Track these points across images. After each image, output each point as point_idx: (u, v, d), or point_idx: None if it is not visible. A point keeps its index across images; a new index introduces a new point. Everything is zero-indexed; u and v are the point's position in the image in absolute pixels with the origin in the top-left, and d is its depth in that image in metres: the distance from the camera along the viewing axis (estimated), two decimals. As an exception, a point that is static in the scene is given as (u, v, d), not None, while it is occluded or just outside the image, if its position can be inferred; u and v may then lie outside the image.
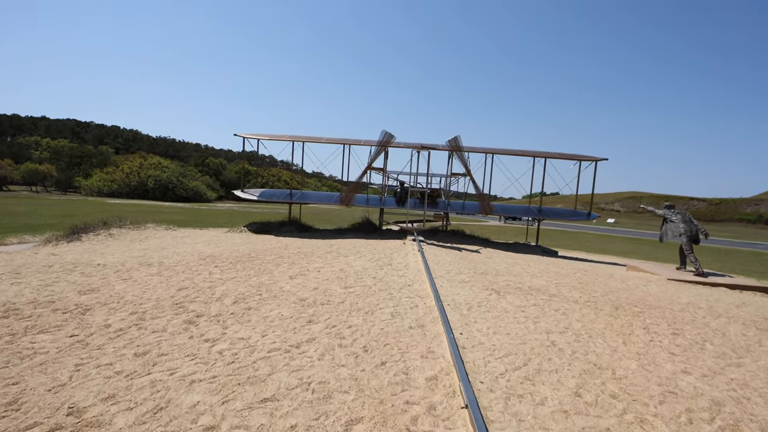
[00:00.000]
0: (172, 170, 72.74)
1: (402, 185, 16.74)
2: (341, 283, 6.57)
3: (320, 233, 15.34)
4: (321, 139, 16.28)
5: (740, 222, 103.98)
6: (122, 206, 38.24)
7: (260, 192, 17.04)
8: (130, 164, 72.19)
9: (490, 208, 14.70)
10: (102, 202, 46.04)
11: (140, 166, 71.08)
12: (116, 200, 53.23)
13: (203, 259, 8.39)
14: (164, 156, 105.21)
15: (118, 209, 32.31)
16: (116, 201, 50.42)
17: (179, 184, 68.44)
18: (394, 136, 14.27)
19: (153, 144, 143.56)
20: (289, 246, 11.08)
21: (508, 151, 16.04)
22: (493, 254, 11.86)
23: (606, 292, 7.43)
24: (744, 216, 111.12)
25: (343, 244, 11.85)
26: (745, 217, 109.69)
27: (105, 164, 77.52)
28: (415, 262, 9.01)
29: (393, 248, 11.20)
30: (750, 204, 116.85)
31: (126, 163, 73.51)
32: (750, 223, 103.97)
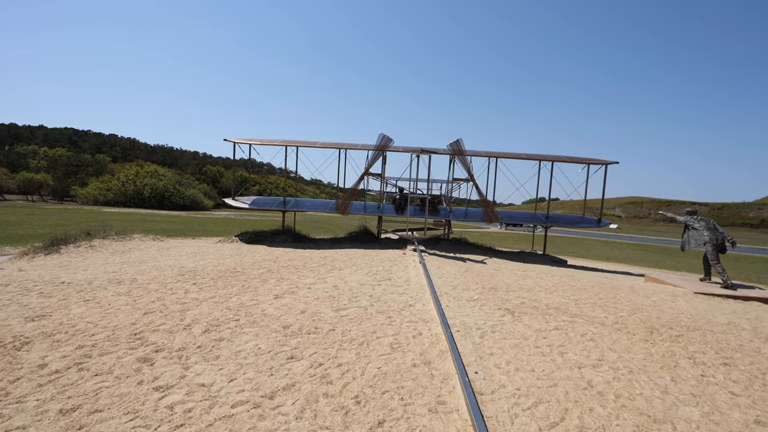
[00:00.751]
0: (169, 178, 72.06)
1: (401, 192, 15.97)
2: (333, 304, 5.74)
3: (315, 243, 14.52)
4: (315, 144, 15.52)
5: (743, 226, 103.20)
6: (116, 215, 37.45)
7: (252, 200, 16.23)
8: (126, 172, 71.52)
9: (495, 215, 13.92)
10: (97, 211, 45.24)
11: (136, 174, 70.41)
12: (112, 209, 52.39)
13: (182, 275, 7.57)
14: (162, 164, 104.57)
15: (112, 218, 31.53)
16: (111, 210, 49.59)
17: (176, 192, 67.72)
18: (392, 139, 13.52)
19: (151, 152, 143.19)
20: (280, 258, 10.25)
21: (513, 155, 15.28)
22: (501, 265, 11.03)
23: (633, 310, 6.60)
24: (747, 221, 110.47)
25: (338, 255, 11.02)
26: (748, 221, 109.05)
27: (102, 173, 76.89)
28: (416, 276, 8.19)
29: (392, 260, 10.38)
30: (753, 208, 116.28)
31: (122, 172, 72.84)
32: (753, 227, 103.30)
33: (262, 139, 15.86)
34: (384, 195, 16.70)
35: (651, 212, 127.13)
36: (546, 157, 15.27)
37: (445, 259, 11.30)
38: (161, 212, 51.36)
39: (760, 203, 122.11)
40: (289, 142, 15.56)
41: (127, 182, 68.57)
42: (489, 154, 15.30)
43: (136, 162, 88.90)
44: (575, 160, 15.19)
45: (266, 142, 15.72)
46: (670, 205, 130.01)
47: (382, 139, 13.41)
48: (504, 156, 15.24)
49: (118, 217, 34.87)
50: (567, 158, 15.15)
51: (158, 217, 37.62)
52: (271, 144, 15.73)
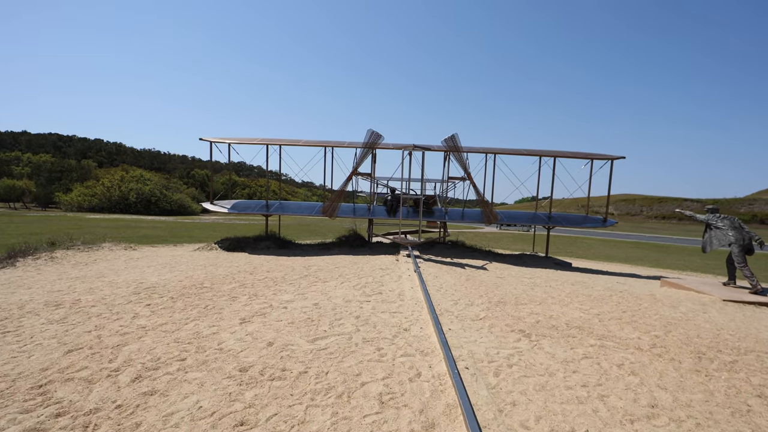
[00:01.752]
0: (155, 183, 70.42)
1: (393, 192, 14.95)
2: (310, 331, 4.68)
3: (301, 249, 13.43)
4: (299, 142, 14.44)
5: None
6: (99, 222, 35.95)
7: (233, 204, 15.09)
8: (111, 178, 69.75)
9: (495, 216, 12.94)
10: (80, 217, 43.58)
11: (121, 179, 68.65)
12: (96, 215, 50.70)
13: (137, 293, 6.46)
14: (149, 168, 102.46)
15: (94, 225, 30.12)
16: (95, 216, 47.92)
17: (162, 197, 66.08)
18: (381, 136, 12.48)
19: (137, 157, 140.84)
20: (258, 268, 9.16)
21: (512, 151, 14.33)
22: (504, 271, 10.04)
23: (665, 325, 5.62)
24: (739, 216, 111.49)
25: (324, 264, 9.96)
26: (740, 217, 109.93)
27: (86, 178, 74.99)
28: (411, 289, 7.15)
29: (384, 268, 9.34)
30: (744, 204, 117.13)
31: (107, 177, 71.06)
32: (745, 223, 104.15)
33: (241, 138, 14.76)
34: (374, 196, 15.66)
35: (643, 209, 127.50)
36: (547, 153, 14.34)
37: (442, 265, 10.28)
38: (147, 218, 49.79)
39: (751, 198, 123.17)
40: (270, 141, 14.47)
41: (111, 187, 66.81)
42: (486, 150, 14.33)
43: (121, 167, 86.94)
44: (578, 155, 14.28)
45: (246, 141, 14.61)
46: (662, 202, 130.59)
47: (371, 135, 12.38)
48: (502, 152, 14.28)
49: (101, 223, 33.41)
50: (570, 154, 14.23)
51: (143, 223, 36.18)
52: (251, 143, 14.62)
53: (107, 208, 63.12)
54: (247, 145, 15.15)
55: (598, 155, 14.13)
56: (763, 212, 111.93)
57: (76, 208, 63.56)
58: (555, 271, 11.41)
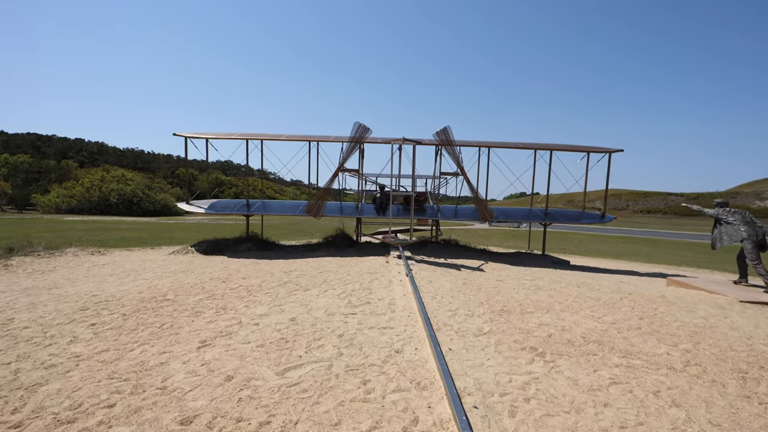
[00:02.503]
0: (137, 183, 68.56)
1: (382, 189, 14.16)
2: (282, 357, 3.88)
3: (284, 251, 12.58)
4: (281, 137, 13.55)
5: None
6: (75, 224, 34.47)
7: (210, 203, 14.15)
8: (91, 178, 67.65)
9: (490, 213, 12.24)
10: (57, 220, 41.84)
11: (102, 179, 66.61)
12: (74, 217, 48.89)
13: (85, 309, 5.57)
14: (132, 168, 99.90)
15: (70, 228, 28.73)
16: (73, 218, 46.15)
17: (145, 198, 64.28)
18: (369, 129, 11.67)
19: (120, 156, 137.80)
20: (234, 275, 8.30)
21: (506, 144, 13.64)
22: (502, 272, 9.34)
23: (691, 335, 4.95)
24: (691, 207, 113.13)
25: (307, 268, 9.13)
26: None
27: (66, 179, 72.72)
28: (403, 296, 6.38)
29: (372, 272, 8.55)
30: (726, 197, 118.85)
31: (87, 177, 68.94)
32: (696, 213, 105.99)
33: (219, 133, 13.82)
34: (362, 194, 14.87)
35: (629, 204, 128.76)
36: (542, 146, 13.69)
37: (435, 267, 9.53)
38: (128, 219, 48.18)
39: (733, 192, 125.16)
40: (250, 136, 13.56)
41: (91, 188, 64.74)
42: (480, 144, 13.62)
43: (102, 167, 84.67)
44: (575, 148, 13.66)
45: (224, 136, 13.68)
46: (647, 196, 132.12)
47: (358, 128, 11.56)
48: (496, 146, 13.59)
49: (78, 226, 31.96)
50: (566, 147, 13.61)
51: (123, 225, 34.75)
52: (231, 138, 13.71)
53: (87, 210, 61.15)
54: (228, 141, 14.23)
55: (595, 148, 13.54)
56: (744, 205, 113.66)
57: (54, 210, 61.46)
58: (554, 270, 10.76)
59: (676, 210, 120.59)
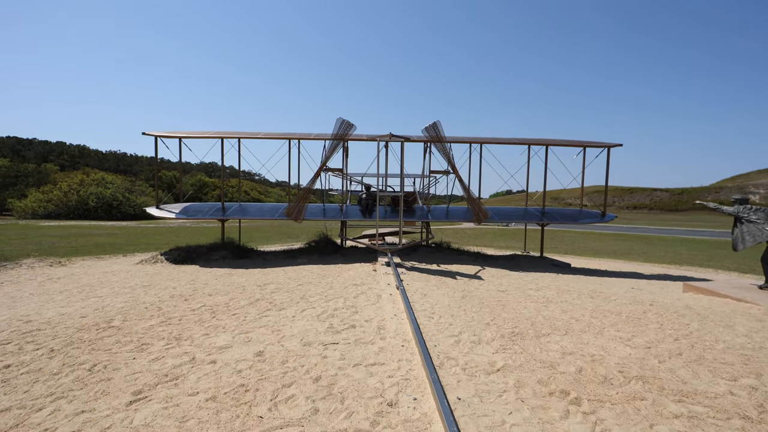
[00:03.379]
0: (117, 186, 66.41)
1: (368, 190, 13.17)
2: (235, 421, 2.88)
3: (262, 259, 11.53)
4: (258, 135, 12.48)
5: (703, 210, 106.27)
6: (49, 230, 32.75)
7: (182, 207, 13.00)
8: (70, 182, 65.27)
9: (485, 214, 11.36)
10: (31, 225, 39.86)
11: (80, 183, 64.31)
12: (51, 222, 46.85)
13: (6, 343, 4.50)
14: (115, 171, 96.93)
15: (41, 234, 27.11)
16: (50, 224, 44.17)
17: (125, 201, 62.22)
18: (353, 125, 10.70)
19: (102, 159, 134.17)
20: (199, 291, 7.25)
21: (499, 140, 12.79)
22: (503, 281, 8.44)
23: (746, 362, 4.09)
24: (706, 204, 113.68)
25: (285, 279, 8.12)
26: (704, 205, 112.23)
27: (44, 183, 70.15)
28: (394, 317, 5.42)
29: (359, 283, 7.57)
30: (710, 192, 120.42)
31: (65, 181, 66.52)
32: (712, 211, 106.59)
33: (193, 131, 12.69)
34: (347, 195, 13.88)
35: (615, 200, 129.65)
36: (537, 141, 12.88)
37: (429, 276, 8.59)
38: (107, 224, 46.34)
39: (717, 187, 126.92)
40: (226, 134, 12.47)
41: (69, 192, 62.45)
42: (471, 140, 12.75)
43: (82, 170, 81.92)
44: (572, 143, 12.87)
45: (198, 134, 12.57)
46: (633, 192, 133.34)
47: (341, 125, 10.57)
48: (489, 141, 12.72)
49: (51, 232, 30.29)
50: (562, 142, 12.81)
51: (100, 230, 33.08)
52: (206, 137, 12.60)
53: (65, 215, 58.85)
54: (204, 141, 13.11)
55: (594, 143, 12.77)
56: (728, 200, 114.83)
57: (31, 216, 59.12)
58: (558, 276, 9.91)
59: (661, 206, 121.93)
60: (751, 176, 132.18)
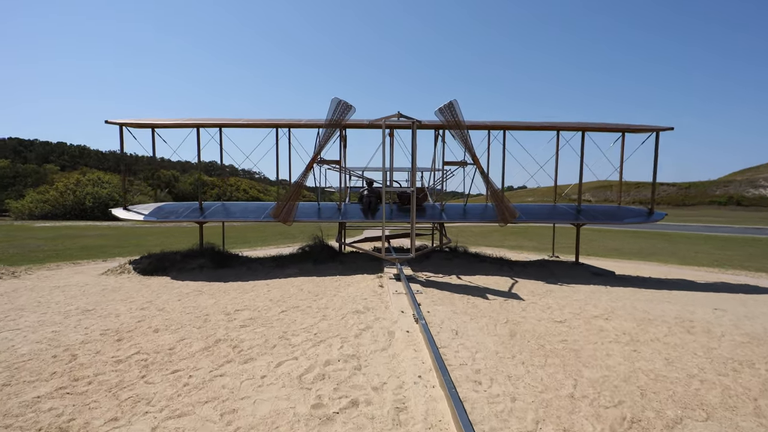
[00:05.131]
0: (114, 186, 64.82)
1: (370, 186, 11.21)
2: None
3: (247, 268, 9.66)
4: (240, 122, 10.56)
5: (711, 205, 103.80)
6: (40, 231, 31.07)
7: (154, 208, 11.12)
8: (66, 182, 63.81)
9: (512, 213, 9.42)
10: (25, 226, 38.14)
11: (77, 183, 62.80)
12: (46, 223, 45.24)
13: None
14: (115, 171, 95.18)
15: (30, 236, 25.42)
16: (44, 224, 42.54)
17: (122, 201, 60.36)
18: (352, 107, 8.77)
19: (102, 159, 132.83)
20: (146, 321, 5.36)
21: (527, 125, 10.80)
22: (550, 300, 6.52)
23: None
24: (715, 198, 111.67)
25: (264, 303, 6.21)
26: (716, 199, 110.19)
27: (41, 183, 68.76)
28: (419, 378, 3.52)
29: (362, 309, 5.66)
30: (719, 186, 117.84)
31: (61, 181, 65.09)
32: (721, 205, 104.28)
33: (164, 119, 10.77)
34: (347, 191, 11.97)
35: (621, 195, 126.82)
36: (570, 126, 10.90)
37: (453, 295, 6.68)
38: (102, 224, 44.59)
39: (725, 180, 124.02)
40: (204, 122, 10.58)
41: (65, 192, 61.00)
42: (492, 125, 10.79)
43: (80, 170, 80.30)
44: (612, 127, 10.89)
45: (171, 122, 10.68)
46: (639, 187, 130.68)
47: (337, 106, 8.65)
48: (514, 127, 10.76)
49: (41, 233, 28.57)
50: (600, 126, 10.82)
51: (92, 231, 31.21)
52: (181, 125, 10.73)
53: (61, 215, 57.34)
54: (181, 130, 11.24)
55: (638, 127, 10.77)
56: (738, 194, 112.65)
57: (27, 216, 57.70)
58: (610, 289, 7.97)
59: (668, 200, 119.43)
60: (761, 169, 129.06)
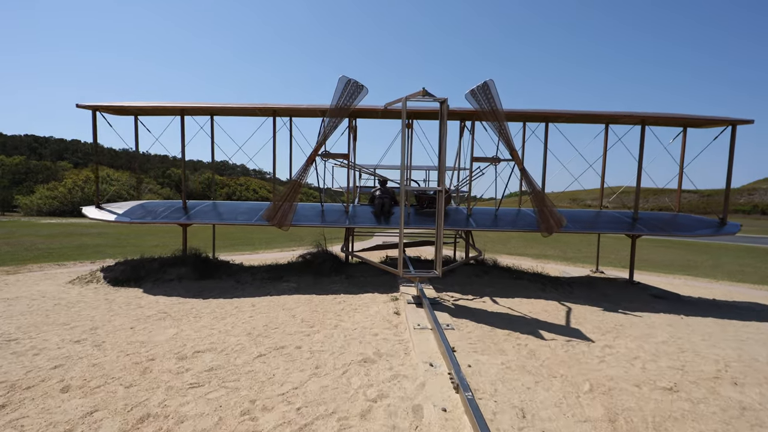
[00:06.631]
0: (123, 183, 64.37)
1: (383, 185, 9.55)
2: None
3: (235, 280, 8.10)
4: (232, 108, 9.00)
5: (735, 213, 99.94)
6: (45, 227, 30.16)
7: (130, 207, 9.62)
8: (75, 178, 63.70)
9: (559, 220, 7.71)
10: (31, 223, 37.44)
11: (85, 180, 62.66)
12: (51, 220, 44.55)
13: None
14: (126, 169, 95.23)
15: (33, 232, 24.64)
16: (50, 221, 41.83)
17: (130, 198, 59.86)
18: (364, 88, 7.14)
19: (114, 157, 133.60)
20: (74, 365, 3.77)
21: (571, 114, 9.03)
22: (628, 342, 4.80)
23: None
24: (738, 207, 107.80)
25: (238, 341, 4.59)
26: (740, 208, 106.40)
27: (51, 180, 68.87)
28: None
29: (372, 357, 4.01)
30: (743, 194, 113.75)
31: (70, 178, 65.02)
32: (746, 213, 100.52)
33: (145, 102, 9.24)
34: (356, 191, 10.35)
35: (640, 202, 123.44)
36: (625, 117, 9.13)
37: (495, 331, 4.99)
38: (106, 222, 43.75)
39: (750, 188, 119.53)
40: (190, 107, 9.06)
41: (74, 189, 60.77)
42: (533, 114, 9.06)
43: (90, 167, 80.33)
44: (674, 119, 9.09)
45: (152, 106, 9.18)
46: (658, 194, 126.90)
47: (346, 87, 7.04)
48: (558, 117, 9.01)
49: (45, 230, 27.57)
50: (662, 117, 9.03)
51: (94, 228, 30.01)
52: (162, 109, 9.23)
53: (69, 212, 57.00)
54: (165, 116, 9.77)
55: (706, 119, 8.95)
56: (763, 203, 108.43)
57: (35, 212, 57.52)
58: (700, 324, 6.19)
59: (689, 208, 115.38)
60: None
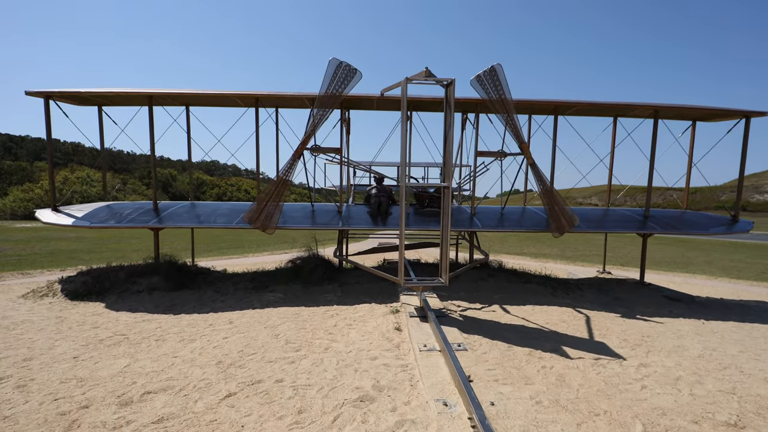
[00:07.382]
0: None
1: (380, 182, 8.76)
2: None
3: (213, 289, 7.21)
4: (209, 95, 8.09)
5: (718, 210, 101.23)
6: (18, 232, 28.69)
7: (93, 209, 8.65)
8: (53, 179, 61.32)
9: (571, 219, 7.03)
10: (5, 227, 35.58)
11: (64, 181, 60.46)
12: (26, 224, 42.71)
13: None
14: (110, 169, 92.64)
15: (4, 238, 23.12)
16: (24, 225, 40.05)
17: (112, 200, 57.97)
18: (358, 72, 6.34)
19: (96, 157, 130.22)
20: None
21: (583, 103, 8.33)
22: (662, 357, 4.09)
23: None
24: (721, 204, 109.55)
25: (207, 369, 3.75)
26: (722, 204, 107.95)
27: (27, 181, 66.48)
28: None
29: (369, 393, 3.21)
30: (725, 191, 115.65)
31: (47, 179, 62.79)
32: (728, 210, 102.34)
33: (108, 88, 8.25)
34: (350, 189, 9.53)
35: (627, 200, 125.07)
36: (636, 109, 8.49)
37: (516, 351, 4.23)
38: (86, 225, 42.00)
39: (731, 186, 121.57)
40: (161, 94, 8.13)
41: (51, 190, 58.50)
42: (540, 105, 8.35)
43: (69, 167, 77.85)
44: (685, 111, 8.47)
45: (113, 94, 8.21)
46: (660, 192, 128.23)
47: (338, 70, 6.23)
48: (571, 107, 8.31)
49: (17, 235, 26.15)
50: (675, 108, 8.40)
51: (71, 233, 28.50)
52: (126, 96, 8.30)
53: (47, 215, 54.88)
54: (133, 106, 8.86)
55: (718, 110, 8.35)
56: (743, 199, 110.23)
57: (9, 216, 55.25)
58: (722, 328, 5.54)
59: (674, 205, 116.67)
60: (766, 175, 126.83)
